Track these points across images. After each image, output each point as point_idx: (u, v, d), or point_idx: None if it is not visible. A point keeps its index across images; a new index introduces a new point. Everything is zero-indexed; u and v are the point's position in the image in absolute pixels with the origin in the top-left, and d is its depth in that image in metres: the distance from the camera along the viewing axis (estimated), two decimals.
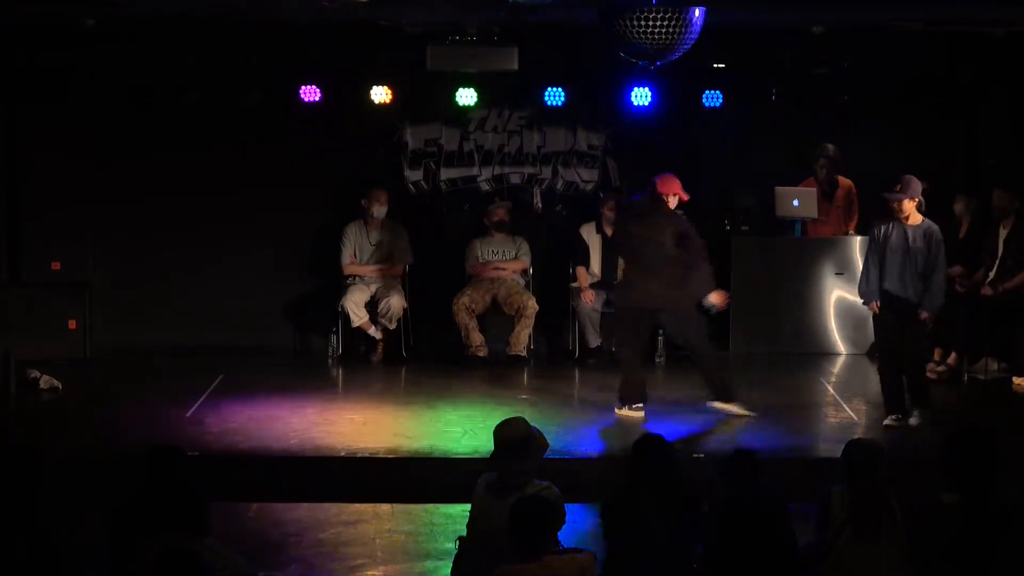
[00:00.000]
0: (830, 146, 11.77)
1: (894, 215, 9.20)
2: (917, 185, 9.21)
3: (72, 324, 11.45)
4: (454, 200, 12.36)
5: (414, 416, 9.61)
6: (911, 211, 9.17)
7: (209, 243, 12.05)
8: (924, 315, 9.21)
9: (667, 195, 9.48)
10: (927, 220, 9.26)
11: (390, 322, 11.52)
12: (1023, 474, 6.00)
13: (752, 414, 9.45)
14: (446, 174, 12.34)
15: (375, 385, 11.05)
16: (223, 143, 11.87)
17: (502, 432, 5.96)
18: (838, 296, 11.72)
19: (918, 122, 12.14)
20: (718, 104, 11.65)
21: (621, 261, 10.24)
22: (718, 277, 11.92)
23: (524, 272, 11.94)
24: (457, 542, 6.01)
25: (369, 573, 6.97)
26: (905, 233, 9.17)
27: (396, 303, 11.45)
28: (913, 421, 9.22)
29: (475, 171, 12.36)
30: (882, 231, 9.23)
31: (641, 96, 11.59)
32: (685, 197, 9.53)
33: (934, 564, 5.45)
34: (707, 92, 11.62)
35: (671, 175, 9.55)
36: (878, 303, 9.25)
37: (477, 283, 11.72)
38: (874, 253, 9.24)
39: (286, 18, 10.77)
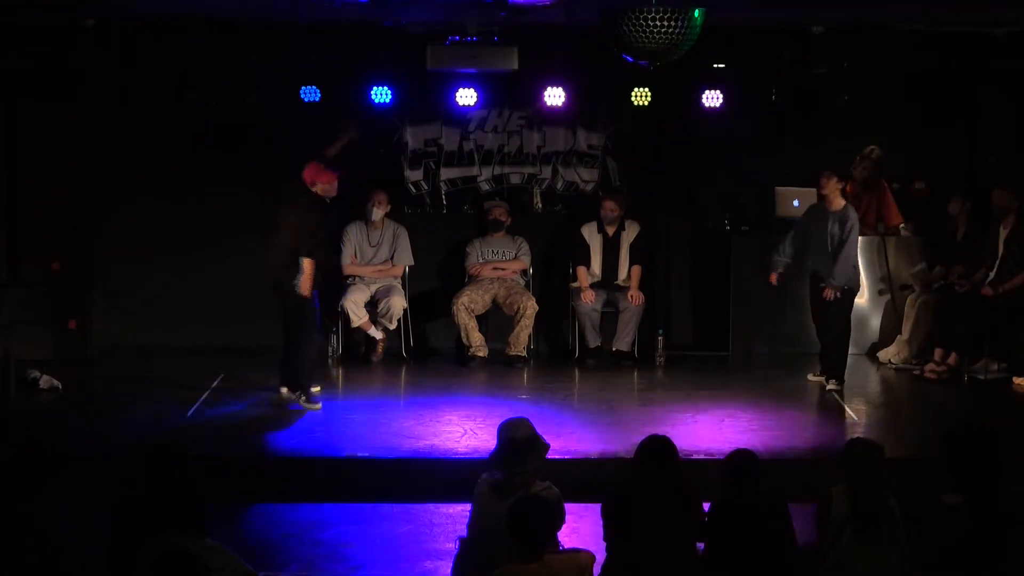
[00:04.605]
0: (875, 148, 11.71)
1: (819, 198, 10.54)
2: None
3: (72, 324, 11.46)
4: (454, 200, 12.37)
5: (414, 416, 9.62)
6: (834, 196, 10.37)
7: (209, 243, 12.06)
8: (827, 291, 10.31)
9: None
10: (848, 206, 10.45)
11: (390, 322, 11.53)
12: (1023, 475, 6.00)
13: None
14: (446, 174, 12.35)
15: (375, 385, 11.06)
16: (223, 143, 11.87)
17: (509, 432, 5.96)
18: None
19: (918, 122, 12.15)
20: (718, 104, 11.64)
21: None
22: (718, 277, 12.03)
23: (524, 272, 11.95)
24: (457, 542, 6.01)
25: (369, 573, 6.97)
26: (825, 217, 10.36)
27: (396, 303, 11.45)
28: (833, 388, 10.35)
29: (475, 171, 12.37)
30: (808, 212, 10.58)
31: (641, 96, 11.59)
32: None
33: (937, 565, 5.45)
34: (707, 92, 11.61)
35: None
36: (778, 276, 10.68)
37: (477, 283, 11.72)
38: (796, 234, 10.58)
39: (286, 18, 10.76)
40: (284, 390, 9.83)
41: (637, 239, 11.77)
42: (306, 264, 9.44)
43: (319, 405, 9.62)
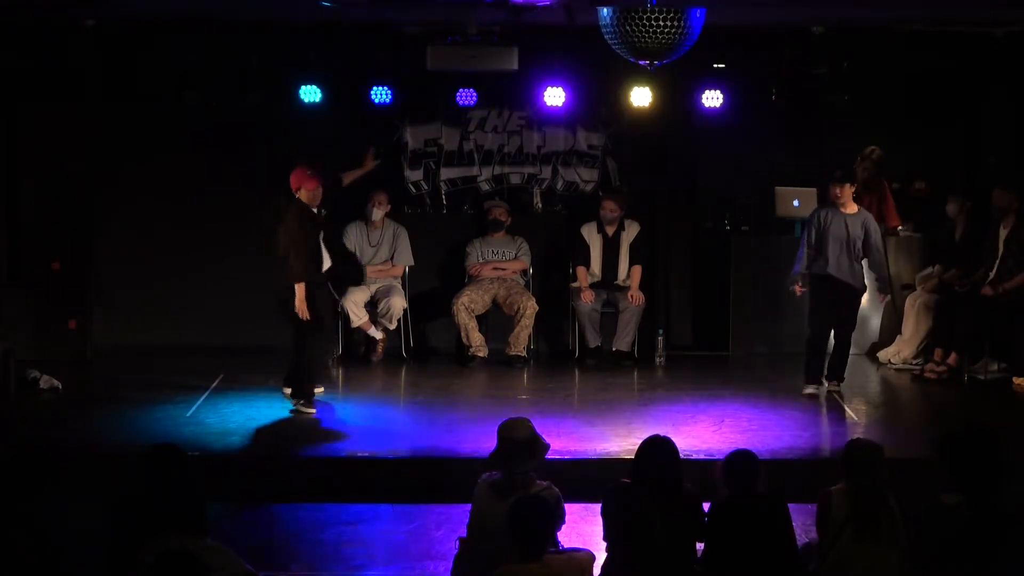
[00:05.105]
0: (876, 148, 11.67)
1: (833, 203, 10.20)
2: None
3: (72, 324, 11.46)
4: (454, 200, 12.37)
5: (414, 416, 9.61)
6: (848, 199, 10.15)
7: (209, 243, 12.06)
8: (886, 297, 10.70)
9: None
10: (862, 209, 10.30)
11: (390, 322, 11.53)
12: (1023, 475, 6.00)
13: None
14: (446, 174, 12.35)
15: (375, 385, 11.06)
16: (223, 143, 11.86)
17: (509, 432, 5.96)
18: None
19: (918, 122, 12.14)
20: (718, 104, 11.63)
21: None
22: (718, 277, 12.03)
23: (524, 272, 11.95)
24: (457, 542, 6.01)
25: (369, 573, 6.97)
26: (843, 221, 10.11)
27: (396, 303, 11.46)
28: (833, 389, 10.26)
29: (475, 171, 12.37)
30: (822, 218, 10.17)
31: (642, 96, 11.59)
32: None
33: (937, 565, 5.45)
34: (707, 92, 11.60)
35: None
36: (802, 286, 10.31)
37: (477, 283, 11.72)
38: (813, 236, 10.15)
39: (286, 18, 10.77)
40: (286, 390, 9.81)
41: (637, 239, 11.77)
42: (297, 289, 9.45)
43: (313, 410, 9.59)
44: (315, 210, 9.68)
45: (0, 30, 10.77)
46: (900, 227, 11.82)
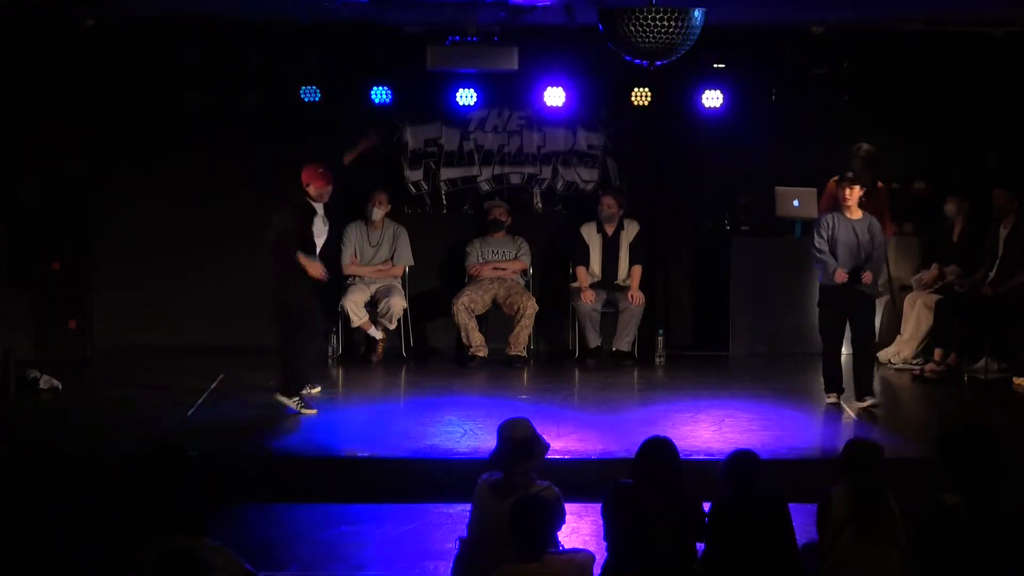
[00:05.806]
0: (864, 145, 11.56)
1: (837, 207, 9.92)
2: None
3: (72, 324, 11.47)
4: (454, 200, 12.37)
5: (414, 416, 9.61)
6: (855, 202, 9.83)
7: (209, 243, 12.06)
8: (867, 275, 9.77)
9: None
10: (866, 213, 9.93)
11: (390, 322, 11.53)
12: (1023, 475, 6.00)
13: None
14: (446, 174, 12.35)
15: (375, 385, 11.06)
16: (223, 143, 11.87)
17: (509, 432, 5.97)
18: None
19: (918, 122, 12.14)
20: (718, 104, 11.64)
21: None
22: (718, 276, 12.02)
23: (524, 272, 11.95)
24: (457, 542, 6.02)
25: (369, 573, 6.97)
26: (851, 226, 9.80)
27: (396, 303, 11.46)
28: (869, 404, 9.80)
29: (475, 171, 12.37)
30: (830, 224, 9.85)
31: (641, 96, 11.58)
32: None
33: (936, 564, 5.46)
34: (707, 92, 11.61)
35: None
36: (845, 270, 9.78)
37: (477, 283, 11.72)
38: (824, 243, 9.81)
39: (286, 18, 10.77)
40: (281, 398, 9.73)
41: (637, 239, 11.77)
42: (303, 260, 9.46)
43: (315, 411, 9.59)
44: (319, 208, 9.69)
45: (0, 30, 10.77)
46: (892, 237, 11.76)
